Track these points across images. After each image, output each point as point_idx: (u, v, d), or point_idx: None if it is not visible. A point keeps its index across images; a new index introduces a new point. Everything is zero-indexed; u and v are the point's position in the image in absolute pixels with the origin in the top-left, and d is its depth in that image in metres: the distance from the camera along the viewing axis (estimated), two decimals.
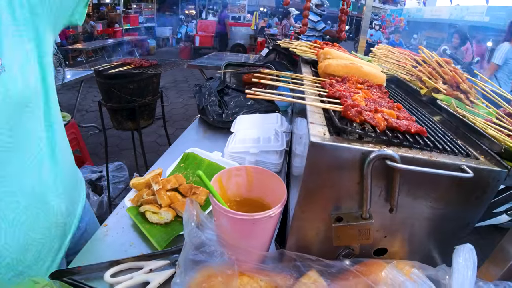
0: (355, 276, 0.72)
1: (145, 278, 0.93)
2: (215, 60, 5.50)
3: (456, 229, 0.81)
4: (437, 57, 1.34)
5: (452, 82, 1.22)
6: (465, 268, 0.70)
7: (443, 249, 0.85)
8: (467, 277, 0.69)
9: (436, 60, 1.32)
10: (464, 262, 0.70)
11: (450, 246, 0.81)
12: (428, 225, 0.80)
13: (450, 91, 1.18)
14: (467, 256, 0.71)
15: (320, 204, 0.76)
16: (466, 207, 0.77)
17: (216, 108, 2.07)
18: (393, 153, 0.67)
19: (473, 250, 0.71)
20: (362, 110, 0.77)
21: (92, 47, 10.65)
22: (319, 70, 1.25)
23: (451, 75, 1.23)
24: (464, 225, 0.80)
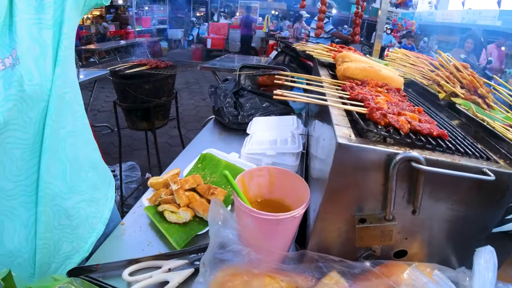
0: (376, 277, 0.72)
1: (164, 277, 0.93)
2: (228, 62, 5.52)
3: (474, 232, 0.82)
4: (455, 61, 1.34)
5: (470, 86, 1.23)
6: (486, 270, 0.70)
7: (461, 253, 0.85)
8: (487, 279, 0.69)
9: (454, 64, 1.32)
10: (485, 264, 0.70)
11: (467, 250, 0.83)
12: (448, 227, 0.81)
13: (468, 95, 1.19)
14: (487, 258, 0.71)
15: (343, 205, 0.77)
16: (486, 210, 0.77)
17: (232, 109, 2.08)
18: (419, 155, 0.68)
19: (494, 252, 0.72)
20: (386, 113, 0.79)
21: (105, 48, 10.76)
22: (337, 73, 1.26)
23: (469, 79, 1.24)
24: (483, 229, 0.81)
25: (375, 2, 10.50)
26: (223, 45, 15.24)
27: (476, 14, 13.58)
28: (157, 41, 14.66)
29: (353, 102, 0.89)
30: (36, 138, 0.84)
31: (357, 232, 0.77)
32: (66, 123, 0.92)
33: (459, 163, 0.72)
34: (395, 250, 0.85)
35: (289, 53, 3.29)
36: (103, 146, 5.00)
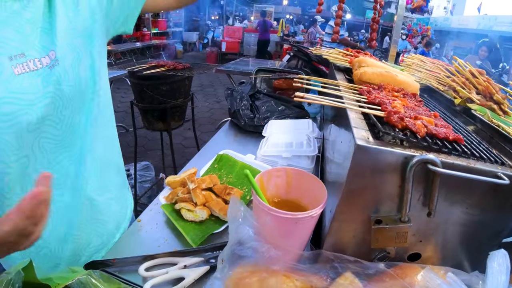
0: (391, 278, 0.74)
1: (180, 273, 0.95)
2: (243, 65, 5.56)
3: (488, 237, 0.83)
4: (470, 67, 1.35)
5: (486, 92, 1.24)
6: (499, 273, 0.71)
7: (474, 257, 0.87)
8: (500, 282, 0.70)
9: (470, 70, 1.33)
10: (498, 267, 0.71)
11: (481, 254, 0.84)
12: (462, 231, 0.82)
13: (483, 101, 1.20)
14: (501, 261, 0.72)
15: (360, 206, 0.79)
16: (500, 215, 0.79)
17: (248, 112, 2.11)
18: (435, 158, 0.70)
19: (507, 256, 0.73)
20: (403, 117, 0.81)
21: (121, 49, 10.87)
22: (354, 78, 1.28)
23: (484, 85, 1.24)
24: (497, 233, 0.82)
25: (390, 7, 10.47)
26: (237, 49, 15.32)
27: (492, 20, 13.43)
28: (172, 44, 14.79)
29: (371, 105, 0.91)
30: (66, 134, 0.91)
31: (372, 233, 0.78)
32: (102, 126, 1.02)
33: (474, 167, 0.74)
34: (409, 252, 0.86)
35: (302, 58, 3.31)
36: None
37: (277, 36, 15.06)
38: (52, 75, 0.83)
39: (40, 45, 0.82)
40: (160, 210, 1.27)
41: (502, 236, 0.83)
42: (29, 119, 0.80)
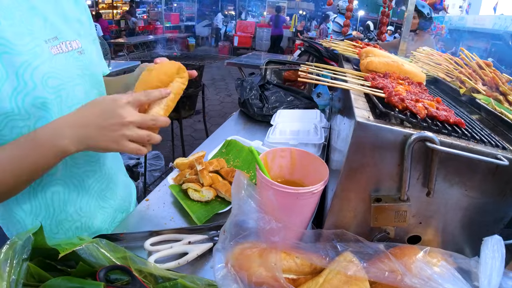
0: (389, 260, 0.74)
1: (184, 248, 0.99)
2: (254, 59, 5.58)
3: (490, 223, 0.84)
4: (477, 58, 1.36)
5: (492, 83, 1.24)
6: (493, 259, 0.71)
7: (475, 243, 0.86)
8: (495, 268, 0.71)
9: (477, 62, 1.34)
10: (492, 253, 0.72)
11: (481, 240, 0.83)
12: (462, 215, 0.83)
13: (489, 92, 1.21)
14: (495, 247, 0.72)
15: (360, 184, 0.81)
16: (500, 200, 0.80)
17: (257, 101, 2.14)
18: (433, 136, 0.72)
19: (502, 241, 0.73)
20: (404, 98, 0.83)
21: (134, 42, 10.96)
22: (361, 67, 1.30)
23: (491, 76, 1.25)
24: (498, 220, 0.83)
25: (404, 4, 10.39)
26: (250, 43, 15.31)
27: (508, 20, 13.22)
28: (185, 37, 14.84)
29: (374, 90, 0.93)
30: None
31: (372, 211, 0.80)
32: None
33: (474, 147, 0.75)
34: (409, 234, 0.88)
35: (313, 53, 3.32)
36: None
37: (289, 32, 15.02)
38: (81, 60, 0.96)
39: (69, 31, 0.95)
40: (168, 191, 1.31)
41: (503, 223, 0.84)
42: (67, 94, 0.91)
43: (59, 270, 0.76)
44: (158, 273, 0.79)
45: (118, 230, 1.10)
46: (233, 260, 0.75)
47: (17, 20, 0.81)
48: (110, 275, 0.77)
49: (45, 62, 0.84)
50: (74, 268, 0.75)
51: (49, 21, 0.89)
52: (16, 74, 0.78)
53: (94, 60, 1.02)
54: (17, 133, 0.83)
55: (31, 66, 0.81)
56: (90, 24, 1.08)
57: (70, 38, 0.94)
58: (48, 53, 0.86)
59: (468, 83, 1.24)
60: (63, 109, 0.90)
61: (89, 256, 0.75)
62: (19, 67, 0.79)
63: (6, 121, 0.81)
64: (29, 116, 0.83)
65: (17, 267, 0.64)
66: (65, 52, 0.91)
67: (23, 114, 0.82)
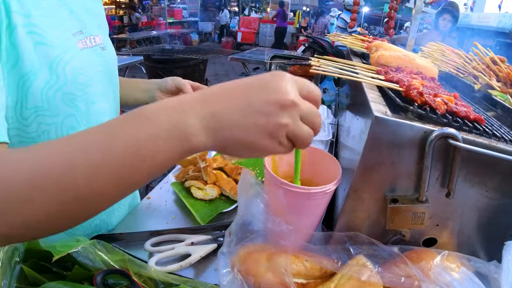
0: (405, 264, 0.71)
1: (187, 250, 0.94)
2: (258, 54, 5.52)
3: (508, 225, 0.80)
4: (492, 54, 1.32)
5: (507, 79, 1.20)
6: None
7: (492, 246, 0.83)
8: None
9: (491, 57, 1.30)
10: None
11: (498, 243, 0.79)
12: (481, 216, 0.79)
13: (504, 88, 1.17)
14: None
15: (375, 184, 0.76)
16: None
17: None
18: (456, 132, 0.67)
19: None
20: (423, 92, 0.78)
21: (136, 37, 10.93)
22: (371, 61, 1.25)
23: (506, 72, 1.21)
24: None
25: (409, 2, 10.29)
26: (253, 39, 15.32)
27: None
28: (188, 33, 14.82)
29: (389, 83, 0.88)
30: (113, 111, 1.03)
31: (388, 213, 0.76)
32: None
33: (497, 146, 0.71)
34: (425, 237, 0.83)
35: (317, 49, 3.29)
36: None
37: (293, 28, 14.99)
38: (103, 56, 0.93)
39: (92, 25, 0.92)
40: (170, 188, 1.26)
41: None
42: (93, 91, 0.88)
43: (55, 272, 0.72)
44: (159, 277, 0.75)
45: (118, 230, 1.06)
46: (239, 264, 0.71)
47: (45, 11, 0.76)
48: (108, 279, 0.72)
49: (74, 57, 0.81)
50: (70, 270, 0.71)
51: (74, 14, 0.86)
52: (49, 67, 0.75)
53: (114, 56, 1.01)
54: (43, 130, 0.78)
55: (63, 60, 0.77)
56: (104, 17, 1.05)
57: (94, 33, 0.91)
58: (76, 47, 0.83)
59: (483, 79, 1.20)
60: (89, 107, 0.88)
61: (85, 259, 0.71)
62: (53, 60, 0.75)
63: (35, 115, 0.76)
64: (58, 113, 0.79)
65: (9, 270, 0.61)
66: (89, 47, 0.88)
67: (52, 110, 0.78)
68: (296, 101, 0.51)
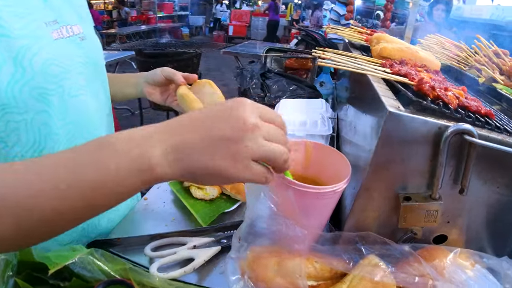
0: (418, 262, 0.69)
1: (190, 254, 0.90)
2: (250, 48, 5.47)
3: None
4: (495, 46, 1.30)
5: (510, 73, 1.18)
6: None
7: (499, 241, 0.83)
8: None
9: (495, 49, 1.28)
10: None
11: (506, 239, 0.82)
12: (490, 213, 0.78)
13: (507, 81, 1.15)
14: None
15: (387, 182, 0.75)
16: None
17: (258, 91, 2.08)
18: (472, 128, 0.65)
19: None
20: (435, 86, 0.75)
21: (126, 32, 10.80)
22: (373, 53, 1.23)
23: (509, 65, 1.19)
24: None
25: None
26: (245, 33, 15.26)
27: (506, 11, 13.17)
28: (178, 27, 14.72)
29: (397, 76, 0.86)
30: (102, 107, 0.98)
31: (401, 211, 0.74)
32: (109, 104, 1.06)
33: (510, 141, 0.69)
34: (436, 234, 0.82)
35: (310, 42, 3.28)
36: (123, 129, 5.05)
37: (285, 21, 14.94)
38: (83, 47, 0.88)
39: (69, 14, 0.87)
40: (168, 188, 1.22)
41: None
42: (70, 84, 0.82)
43: (51, 285, 0.69)
44: (163, 286, 0.72)
45: (114, 234, 1.01)
46: (249, 271, 0.68)
47: (12, 1, 0.72)
48: None
49: (45, 47, 0.75)
50: (67, 281, 0.68)
51: (49, 3, 0.80)
52: (14, 60, 0.69)
53: (96, 47, 0.95)
54: (12, 128, 0.73)
55: (30, 51, 0.72)
56: (87, 8, 1.00)
57: (71, 22, 0.86)
58: (49, 37, 0.77)
59: (486, 72, 1.18)
60: (65, 101, 0.81)
61: (83, 270, 0.68)
62: (18, 52, 0.70)
63: (2, 113, 0.71)
64: (27, 109, 0.73)
65: (2, 284, 0.59)
66: (66, 37, 0.82)
67: (20, 106, 0.72)
68: (257, 123, 0.52)
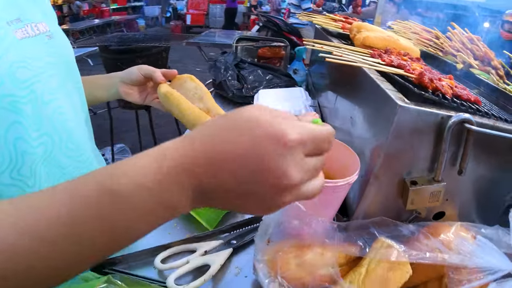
0: (426, 238, 0.74)
1: (204, 260, 0.87)
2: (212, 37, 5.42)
3: (503, 194, 0.88)
4: (469, 33, 1.37)
5: (484, 58, 1.26)
6: None
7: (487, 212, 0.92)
8: None
9: (469, 35, 1.35)
10: None
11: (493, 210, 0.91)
12: (482, 189, 0.86)
13: (481, 66, 1.23)
14: None
15: (395, 169, 0.80)
16: None
17: (235, 82, 2.07)
18: (471, 117, 0.72)
19: None
20: (432, 78, 0.81)
21: (79, 27, 10.38)
22: (356, 42, 1.26)
23: (483, 51, 1.27)
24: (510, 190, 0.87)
25: None
26: (203, 21, 14.98)
27: None
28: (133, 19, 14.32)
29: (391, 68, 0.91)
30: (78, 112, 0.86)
31: (409, 195, 0.79)
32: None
33: (500, 126, 0.77)
34: (435, 212, 0.89)
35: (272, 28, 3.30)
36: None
37: (243, 7, 14.80)
38: (52, 46, 0.77)
39: (33, 11, 0.76)
40: None
41: None
42: (42, 88, 0.71)
43: None
44: None
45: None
46: (281, 271, 0.71)
47: None
48: None
49: (10, 49, 0.65)
50: None
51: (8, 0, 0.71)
52: None
53: (66, 45, 0.85)
54: None
55: None
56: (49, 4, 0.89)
57: (36, 20, 0.75)
58: (12, 37, 0.66)
59: (462, 58, 1.25)
60: (39, 108, 0.70)
61: None
62: None
63: None
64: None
65: None
66: (32, 37, 0.72)
67: None
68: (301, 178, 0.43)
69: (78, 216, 0.39)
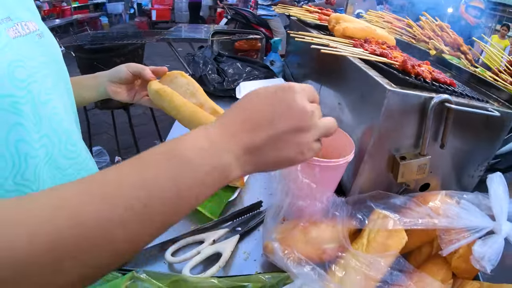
0: (417, 206, 0.83)
1: (215, 249, 0.90)
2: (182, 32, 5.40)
3: (478, 163, 0.99)
4: (439, 21, 1.48)
5: (454, 44, 1.37)
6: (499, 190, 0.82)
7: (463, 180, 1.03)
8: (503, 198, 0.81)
9: (439, 24, 1.46)
10: (498, 186, 0.83)
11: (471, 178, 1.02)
12: (460, 160, 0.97)
13: (452, 52, 1.34)
14: (499, 180, 0.83)
15: (386, 147, 0.89)
16: (488, 144, 0.95)
17: (215, 76, 2.10)
18: (450, 97, 0.82)
19: (502, 177, 0.84)
20: (414, 64, 0.90)
21: None
22: (336, 33, 1.32)
23: (453, 38, 1.38)
24: (484, 159, 0.99)
25: None
26: (169, 16, 14.70)
27: None
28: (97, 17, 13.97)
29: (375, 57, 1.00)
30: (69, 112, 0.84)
31: (400, 169, 0.88)
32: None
33: (473, 104, 0.88)
34: (421, 184, 0.99)
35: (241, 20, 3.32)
36: None
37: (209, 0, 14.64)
38: (43, 44, 0.74)
39: (21, 10, 0.73)
40: None
41: (487, 161, 0.99)
42: (39, 88, 0.69)
43: None
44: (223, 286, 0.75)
45: None
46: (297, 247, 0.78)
47: None
48: None
49: (5, 48, 0.62)
50: None
51: None
52: None
53: (54, 44, 0.81)
54: None
55: None
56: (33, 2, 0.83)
57: (25, 19, 0.71)
58: (6, 36, 0.63)
59: (434, 45, 1.35)
60: (38, 109, 0.68)
61: None
62: None
63: None
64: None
65: None
66: (23, 36, 0.69)
67: None
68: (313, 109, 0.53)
69: (151, 178, 0.44)
